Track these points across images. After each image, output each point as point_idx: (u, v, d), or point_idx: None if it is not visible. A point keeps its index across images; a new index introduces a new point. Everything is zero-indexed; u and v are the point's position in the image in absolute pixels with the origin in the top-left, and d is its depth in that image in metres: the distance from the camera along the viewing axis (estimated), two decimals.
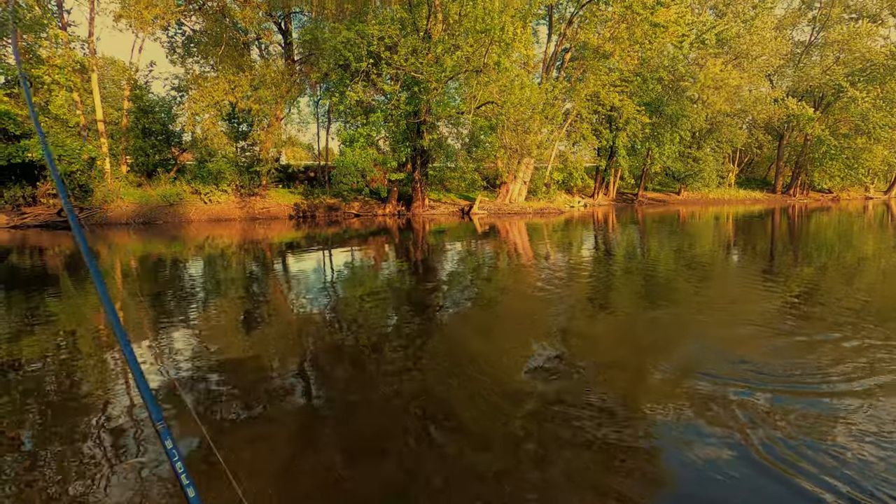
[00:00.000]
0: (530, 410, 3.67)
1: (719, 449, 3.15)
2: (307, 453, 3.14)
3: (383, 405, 3.79)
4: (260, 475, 2.87)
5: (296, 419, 3.60)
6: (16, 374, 4.54)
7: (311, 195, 23.84)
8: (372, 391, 4.05)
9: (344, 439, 3.27)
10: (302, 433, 3.39)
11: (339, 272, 9.95)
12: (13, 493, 2.74)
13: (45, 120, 18.18)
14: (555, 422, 3.52)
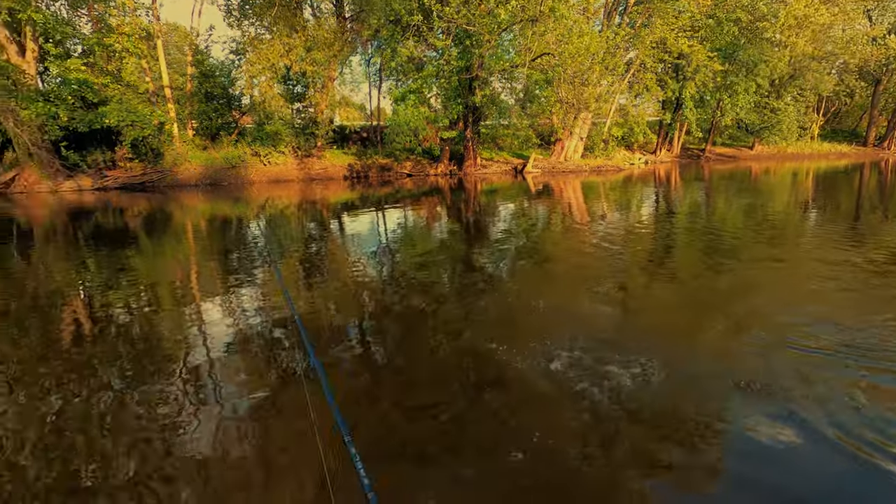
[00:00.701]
0: (582, 372, 3.64)
1: (785, 425, 3.00)
2: (362, 405, 3.29)
3: (435, 361, 3.89)
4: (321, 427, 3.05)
5: (352, 372, 3.77)
6: (107, 322, 5.03)
7: (364, 156, 24.10)
8: (425, 348, 4.16)
9: (397, 392, 3.40)
10: (358, 386, 3.56)
11: (392, 232, 10.12)
12: (106, 426, 3.08)
13: (118, 87, 19.25)
14: (606, 385, 3.47)
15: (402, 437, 2.88)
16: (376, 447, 2.77)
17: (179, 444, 2.86)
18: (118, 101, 19.02)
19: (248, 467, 2.65)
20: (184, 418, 3.13)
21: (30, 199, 17.41)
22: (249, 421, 3.09)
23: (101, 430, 3.01)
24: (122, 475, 2.60)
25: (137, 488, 2.49)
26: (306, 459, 2.65)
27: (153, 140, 20.31)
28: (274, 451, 2.78)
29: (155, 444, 2.86)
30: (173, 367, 3.89)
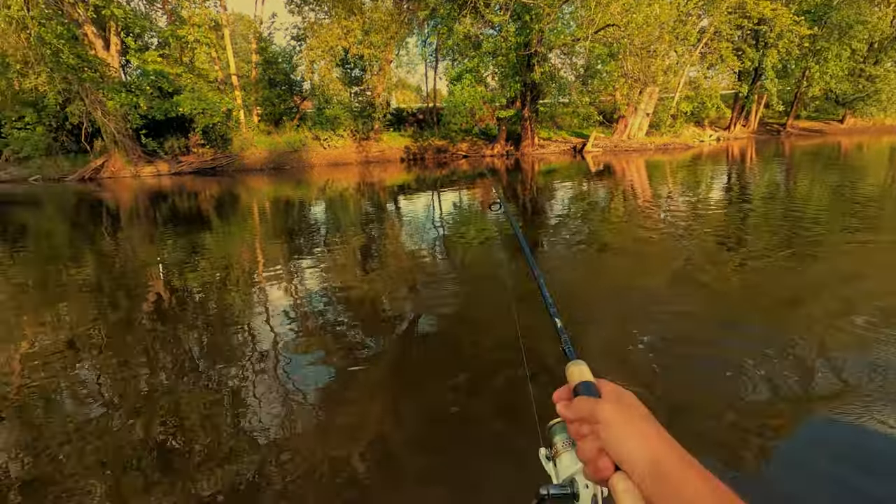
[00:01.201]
0: (647, 362, 3.46)
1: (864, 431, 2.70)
2: (410, 385, 3.31)
3: (488, 342, 3.84)
4: (378, 396, 3.10)
5: (405, 350, 3.80)
6: (185, 296, 5.38)
7: (420, 138, 24.16)
8: (478, 328, 4.11)
9: (449, 371, 3.39)
10: (410, 362, 3.58)
11: (447, 213, 10.10)
12: (184, 391, 3.29)
13: (190, 77, 20.33)
14: (671, 381, 3.28)
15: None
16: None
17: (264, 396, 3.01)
18: (190, 89, 20.12)
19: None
20: (255, 381, 3.28)
21: (116, 184, 18.94)
22: (316, 399, 3.20)
23: (185, 392, 3.22)
24: (208, 431, 2.76)
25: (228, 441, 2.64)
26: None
27: (222, 126, 21.38)
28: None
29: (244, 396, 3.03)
30: (242, 334, 4.09)
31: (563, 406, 0.60)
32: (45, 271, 6.84)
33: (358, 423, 2.87)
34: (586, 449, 0.55)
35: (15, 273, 6.82)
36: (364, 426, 2.82)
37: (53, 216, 12.52)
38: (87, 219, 11.91)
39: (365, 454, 2.56)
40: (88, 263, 7.23)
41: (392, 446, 2.63)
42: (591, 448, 0.54)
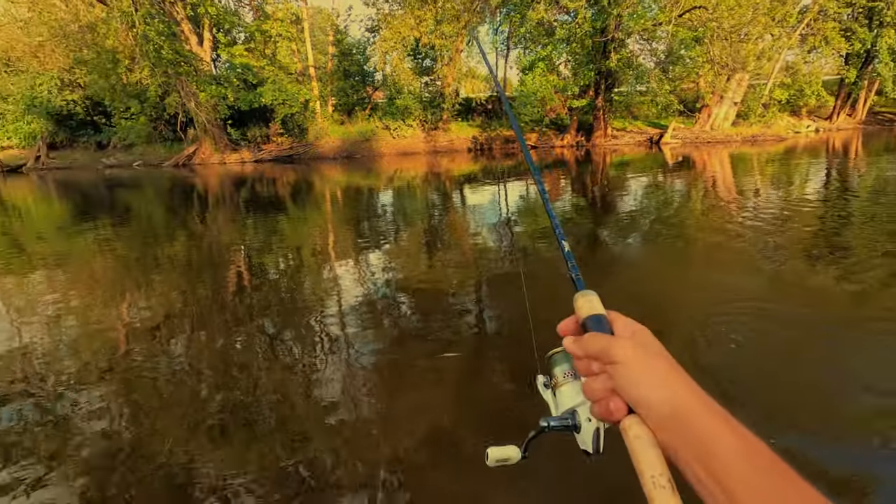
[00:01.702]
0: (722, 371, 3.24)
1: None
2: (470, 373, 3.32)
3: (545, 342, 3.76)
4: (436, 382, 3.15)
5: (465, 339, 3.82)
6: (262, 277, 5.75)
7: (487, 128, 24.01)
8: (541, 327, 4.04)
9: (509, 366, 3.37)
10: (470, 352, 3.59)
11: (513, 205, 9.98)
12: (258, 364, 3.53)
13: (272, 69, 21.47)
14: (752, 395, 3.04)
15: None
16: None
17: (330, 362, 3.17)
18: (272, 81, 21.26)
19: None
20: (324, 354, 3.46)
21: (205, 169, 20.50)
22: (375, 372, 3.31)
23: (259, 364, 3.47)
24: (279, 400, 2.96)
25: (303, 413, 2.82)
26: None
27: (299, 116, 22.44)
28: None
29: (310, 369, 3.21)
30: (314, 314, 4.31)
31: (571, 342, 0.55)
32: (143, 248, 7.57)
33: (415, 405, 2.93)
34: (596, 388, 0.51)
35: (120, 249, 7.61)
36: (422, 409, 2.88)
37: (152, 199, 13.80)
38: (180, 202, 13.01)
39: (419, 434, 2.62)
40: (180, 242, 7.91)
41: (449, 432, 2.67)
42: (602, 388, 0.50)
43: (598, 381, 0.51)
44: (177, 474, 2.40)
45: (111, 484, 2.36)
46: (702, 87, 20.80)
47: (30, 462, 2.53)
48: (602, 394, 0.50)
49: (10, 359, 3.76)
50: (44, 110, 23.44)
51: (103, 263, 6.80)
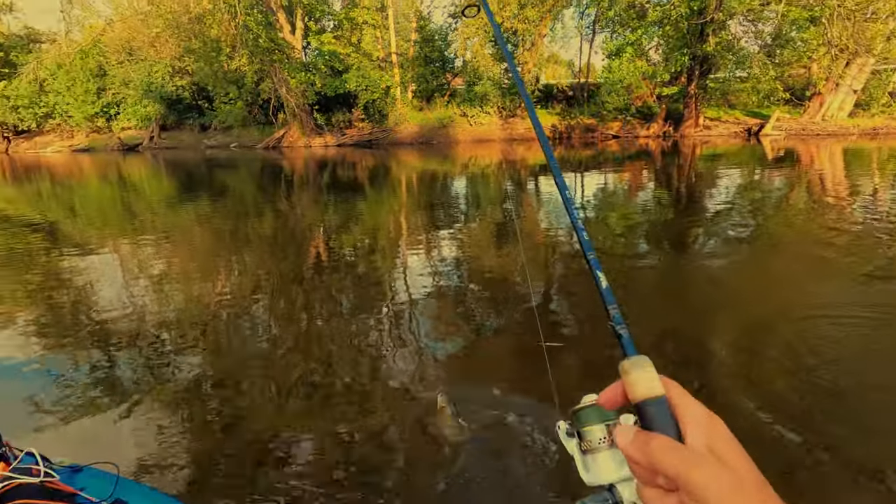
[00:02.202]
0: (819, 406, 2.95)
1: None
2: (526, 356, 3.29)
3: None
4: (494, 367, 3.17)
5: (526, 328, 3.78)
6: (339, 256, 6.06)
7: (567, 115, 23.27)
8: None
9: (574, 362, 3.30)
10: (530, 343, 3.56)
11: (589, 196, 9.65)
12: (332, 335, 3.74)
13: (357, 56, 22.18)
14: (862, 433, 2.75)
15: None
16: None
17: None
18: (357, 68, 21.99)
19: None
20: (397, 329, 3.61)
21: (292, 152, 21.76)
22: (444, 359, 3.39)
23: (332, 335, 3.68)
24: (354, 375, 3.14)
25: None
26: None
27: (380, 102, 23.07)
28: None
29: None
30: (386, 295, 4.49)
31: (629, 441, 0.42)
32: (236, 223, 8.23)
33: (477, 382, 2.97)
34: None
35: (216, 223, 8.33)
36: (479, 387, 2.91)
37: (245, 178, 14.91)
38: (269, 182, 13.95)
39: (479, 410, 2.65)
40: (268, 220, 8.51)
41: (507, 413, 2.68)
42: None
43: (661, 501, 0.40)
44: (252, 425, 2.63)
45: (196, 426, 2.63)
46: (814, 72, 18.68)
47: (133, 402, 2.89)
48: None
49: (123, 315, 4.28)
50: (158, 95, 25.97)
51: (201, 236, 7.49)
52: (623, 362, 0.45)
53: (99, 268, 5.86)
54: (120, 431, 2.66)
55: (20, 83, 26.86)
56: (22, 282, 5.35)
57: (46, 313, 4.42)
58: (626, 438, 0.42)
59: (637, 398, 0.43)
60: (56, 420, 2.77)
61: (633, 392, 0.44)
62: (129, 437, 2.60)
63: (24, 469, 1.21)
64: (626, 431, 0.43)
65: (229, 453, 2.45)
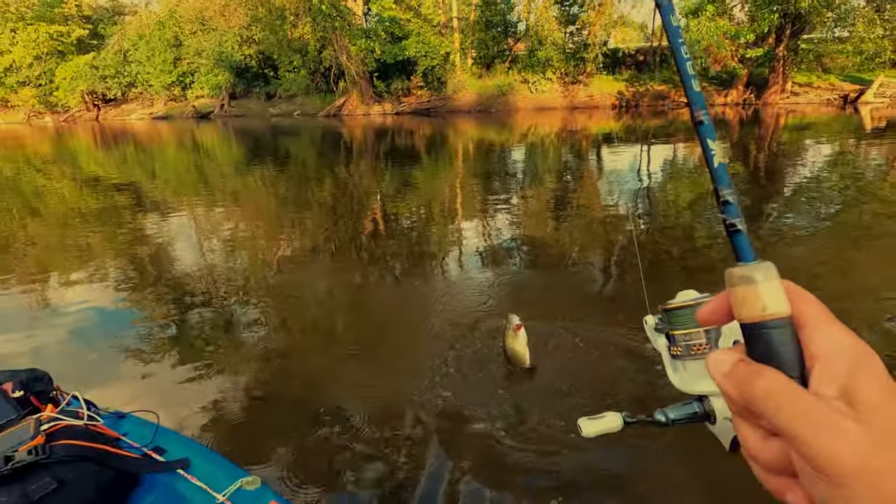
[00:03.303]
0: None
1: None
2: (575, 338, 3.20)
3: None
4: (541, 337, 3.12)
5: (578, 301, 3.66)
6: (394, 223, 6.13)
7: (636, 82, 21.92)
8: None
9: (619, 350, 3.17)
10: (584, 314, 3.45)
11: (655, 170, 9.12)
12: (384, 298, 3.82)
13: (417, 21, 21.84)
14: None
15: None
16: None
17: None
18: (416, 34, 21.69)
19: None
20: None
21: (352, 120, 22.07)
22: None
23: (385, 298, 3.77)
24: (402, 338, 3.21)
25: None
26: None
27: (439, 69, 22.73)
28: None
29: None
30: (432, 261, 4.52)
31: (727, 379, 0.31)
32: (298, 189, 8.52)
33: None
34: (763, 458, 0.30)
35: (279, 188, 8.66)
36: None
37: (307, 145, 15.33)
38: (329, 149, 14.27)
39: (524, 378, 2.63)
40: (327, 186, 8.73)
41: (553, 385, 2.64)
42: (776, 462, 0.29)
43: (769, 451, 0.30)
44: (309, 375, 2.75)
45: (260, 374, 2.80)
46: None
47: (204, 351, 3.10)
48: (772, 465, 0.30)
49: (196, 273, 4.58)
50: (228, 64, 26.99)
51: (266, 200, 7.82)
52: (732, 269, 0.32)
53: (174, 226, 6.29)
54: (172, 380, 2.87)
55: (107, 54, 28.80)
56: (108, 237, 5.85)
57: (127, 266, 4.82)
58: (722, 369, 0.31)
59: (747, 318, 0.31)
60: (112, 365, 3.03)
61: (741, 309, 0.31)
62: (178, 386, 2.80)
63: (70, 412, 1.28)
64: (723, 360, 0.31)
65: (288, 402, 2.59)
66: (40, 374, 1.44)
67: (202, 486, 1.20)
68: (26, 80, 30.60)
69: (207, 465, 1.28)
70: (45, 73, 30.30)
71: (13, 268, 4.92)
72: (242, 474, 1.25)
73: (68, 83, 30.00)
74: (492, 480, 1.99)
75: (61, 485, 1.07)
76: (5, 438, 1.15)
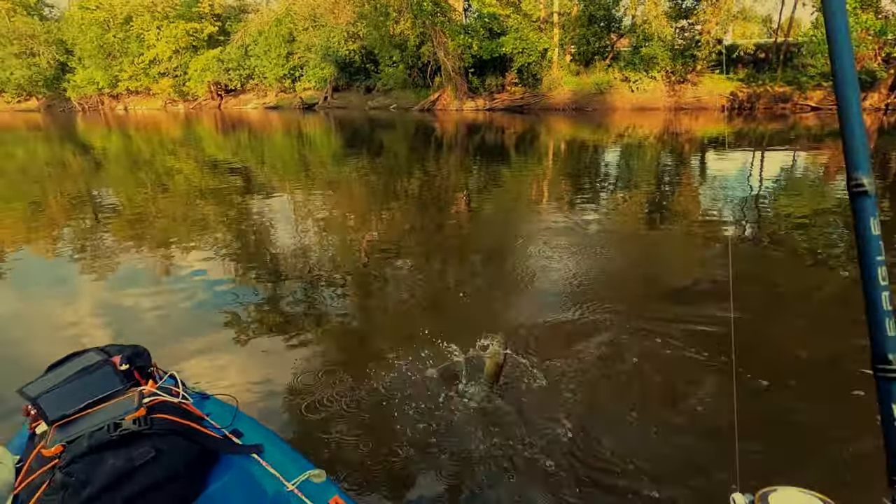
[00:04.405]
0: None
1: None
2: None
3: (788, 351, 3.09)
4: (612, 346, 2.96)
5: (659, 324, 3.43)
6: (479, 217, 6.17)
7: (753, 82, 19.97)
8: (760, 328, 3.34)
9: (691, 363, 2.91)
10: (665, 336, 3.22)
11: (768, 179, 8.27)
12: (461, 292, 3.86)
13: (517, 17, 21.60)
14: None
15: None
16: None
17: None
18: (515, 30, 21.47)
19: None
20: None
21: (444, 115, 22.42)
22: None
23: (463, 290, 3.81)
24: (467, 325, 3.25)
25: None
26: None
27: (535, 66, 22.34)
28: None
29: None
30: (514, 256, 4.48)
31: None
32: (389, 179, 8.85)
33: (588, 362, 2.82)
34: None
35: (371, 179, 9.05)
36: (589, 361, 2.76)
37: (401, 138, 15.85)
38: (421, 143, 14.63)
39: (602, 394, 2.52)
40: (416, 178, 8.97)
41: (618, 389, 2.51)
42: None
43: None
44: (380, 356, 2.86)
45: (339, 350, 2.96)
46: None
47: (292, 328, 3.35)
48: None
49: (291, 254, 4.95)
50: (333, 58, 28.62)
51: (359, 189, 8.22)
52: None
53: (276, 208, 6.83)
54: (255, 359, 3.11)
55: (231, 49, 31.80)
56: (220, 214, 6.49)
57: (232, 241, 5.32)
58: None
59: None
60: (204, 331, 3.34)
61: None
62: (261, 367, 3.02)
63: (166, 389, 1.42)
64: None
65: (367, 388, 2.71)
66: (141, 350, 1.58)
67: (274, 472, 1.27)
68: (165, 71, 34.66)
69: (279, 453, 1.35)
70: (180, 66, 34.13)
71: (145, 235, 5.64)
72: (310, 466, 1.31)
73: (198, 75, 33.54)
74: None
75: (158, 454, 1.19)
76: (114, 406, 1.27)
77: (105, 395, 1.31)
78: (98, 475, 1.12)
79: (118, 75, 35.32)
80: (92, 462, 1.13)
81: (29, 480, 1.15)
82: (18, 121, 27.87)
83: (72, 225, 6.26)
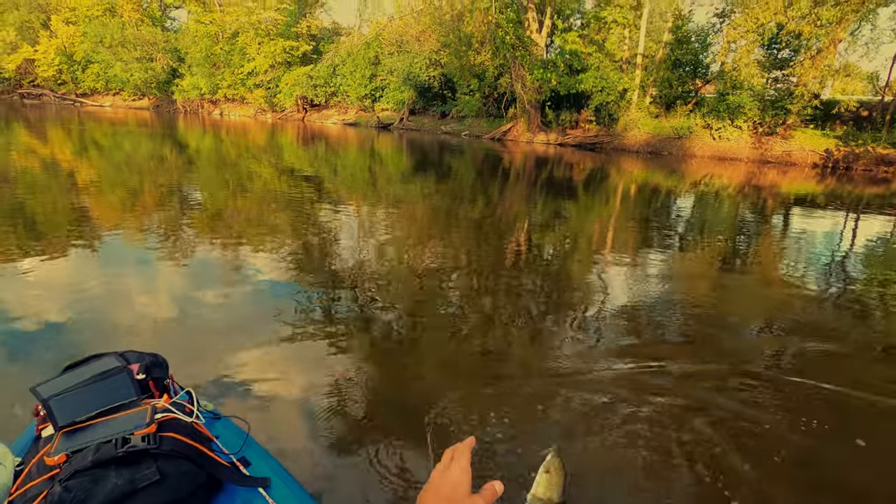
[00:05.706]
0: None
1: None
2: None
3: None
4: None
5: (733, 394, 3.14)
6: (538, 251, 6.05)
7: (853, 140, 18.54)
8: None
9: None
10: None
11: (858, 245, 7.55)
12: (511, 325, 3.76)
13: (599, 56, 21.51)
14: None
15: None
16: None
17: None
18: (596, 68, 21.37)
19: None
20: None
21: (514, 146, 22.52)
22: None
23: (514, 326, 3.72)
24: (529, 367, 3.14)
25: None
26: None
27: (613, 105, 22.04)
28: None
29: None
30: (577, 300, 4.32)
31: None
32: (451, 204, 8.94)
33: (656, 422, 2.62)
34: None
35: (435, 201, 9.19)
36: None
37: (469, 165, 16.06)
38: (488, 171, 14.74)
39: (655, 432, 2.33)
40: (478, 206, 9.01)
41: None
42: None
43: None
44: (423, 385, 2.82)
45: (382, 365, 2.95)
46: None
47: (343, 337, 3.39)
48: None
49: (350, 266, 5.08)
50: (413, 83, 29.75)
51: (422, 210, 8.36)
52: None
53: (342, 220, 7.07)
54: (336, 348, 3.15)
55: (321, 67, 33.92)
56: (290, 221, 6.81)
57: (298, 248, 5.54)
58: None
59: None
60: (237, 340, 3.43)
61: None
62: (334, 352, 3.06)
63: (179, 405, 1.34)
64: None
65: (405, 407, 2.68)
66: (161, 360, 1.53)
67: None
68: (260, 83, 37.49)
69: (286, 489, 1.28)
70: (274, 79, 36.80)
71: (220, 231, 6.01)
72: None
73: (289, 88, 35.97)
74: None
75: (163, 478, 1.12)
76: (126, 419, 1.20)
77: (117, 405, 1.26)
78: (97, 494, 1.06)
79: (219, 83, 38.62)
80: (94, 479, 1.08)
81: (26, 488, 1.10)
82: (131, 116, 31.07)
83: (158, 214, 6.80)
